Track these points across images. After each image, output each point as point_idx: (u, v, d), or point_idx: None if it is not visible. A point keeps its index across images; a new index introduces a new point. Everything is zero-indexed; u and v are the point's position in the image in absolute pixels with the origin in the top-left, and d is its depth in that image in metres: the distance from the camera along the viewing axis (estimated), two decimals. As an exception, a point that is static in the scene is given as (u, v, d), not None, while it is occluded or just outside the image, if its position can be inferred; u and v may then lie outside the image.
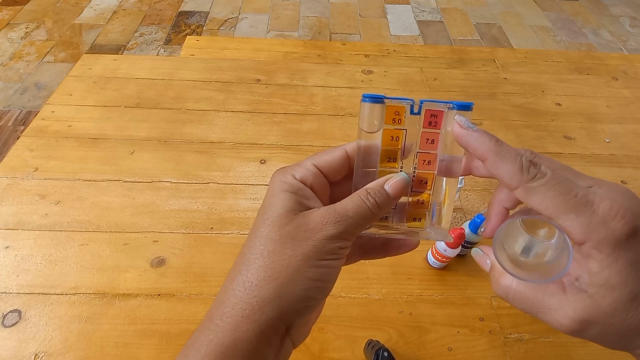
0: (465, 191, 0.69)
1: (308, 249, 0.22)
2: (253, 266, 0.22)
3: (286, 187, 0.23)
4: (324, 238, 0.22)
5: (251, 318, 0.20)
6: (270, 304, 0.21)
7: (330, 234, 0.22)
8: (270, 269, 0.21)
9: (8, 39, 1.90)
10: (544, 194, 0.19)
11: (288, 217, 0.22)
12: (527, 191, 0.20)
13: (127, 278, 0.54)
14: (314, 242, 0.22)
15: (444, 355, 0.50)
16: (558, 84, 0.94)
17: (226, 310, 0.21)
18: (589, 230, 0.18)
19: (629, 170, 0.75)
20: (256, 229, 0.23)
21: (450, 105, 0.21)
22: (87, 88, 0.83)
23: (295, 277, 0.21)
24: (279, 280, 0.21)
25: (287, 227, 0.22)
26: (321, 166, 0.24)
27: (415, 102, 0.22)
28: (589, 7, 2.45)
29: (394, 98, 0.22)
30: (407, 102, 0.22)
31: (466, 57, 1.01)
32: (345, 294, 0.54)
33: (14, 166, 0.67)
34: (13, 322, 0.50)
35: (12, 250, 0.56)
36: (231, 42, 1.01)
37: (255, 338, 0.20)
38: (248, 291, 0.21)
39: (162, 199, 0.64)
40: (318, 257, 0.22)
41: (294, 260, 0.21)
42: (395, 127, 0.22)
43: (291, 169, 0.23)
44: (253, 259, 0.22)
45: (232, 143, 0.74)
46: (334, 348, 0.49)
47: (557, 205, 0.19)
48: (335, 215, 0.22)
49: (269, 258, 0.21)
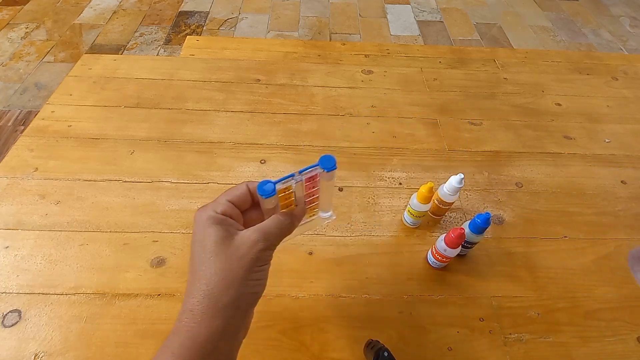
0: (465, 191, 0.69)
1: (249, 261, 0.30)
2: (213, 281, 0.29)
3: (213, 220, 0.31)
4: (258, 250, 0.31)
5: (220, 314, 0.29)
6: (233, 304, 0.29)
7: (261, 247, 0.31)
8: (226, 280, 0.29)
9: (8, 39, 1.90)
10: None
11: (225, 242, 0.30)
12: None
13: (127, 278, 0.54)
14: (251, 255, 0.30)
15: (444, 355, 0.50)
16: (558, 84, 0.94)
17: (197, 314, 0.29)
18: None
19: (629, 170, 0.75)
20: (201, 258, 0.31)
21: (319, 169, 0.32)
22: (87, 88, 0.83)
23: (245, 282, 0.30)
24: (234, 287, 0.29)
25: (228, 249, 0.30)
26: (233, 200, 0.33)
27: (296, 175, 0.32)
28: (589, 7, 2.45)
29: (281, 179, 0.31)
30: (290, 178, 0.31)
31: (466, 57, 1.01)
32: (345, 294, 0.54)
33: (14, 166, 0.67)
34: (13, 322, 0.50)
35: (12, 250, 0.56)
36: (231, 42, 1.01)
37: (222, 330, 0.29)
38: (212, 300, 0.29)
39: (162, 199, 0.64)
40: (257, 265, 0.31)
41: (241, 271, 0.30)
42: (286, 194, 0.32)
43: (212, 206, 0.32)
44: (209, 275, 0.30)
45: (232, 143, 0.74)
46: (334, 348, 0.49)
47: None
48: (263, 234, 0.31)
49: (222, 273, 0.29)
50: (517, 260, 0.60)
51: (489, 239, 0.62)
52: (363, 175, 0.70)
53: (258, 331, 0.50)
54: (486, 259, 0.59)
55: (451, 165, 0.73)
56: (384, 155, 0.74)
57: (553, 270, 0.59)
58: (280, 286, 0.55)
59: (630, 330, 0.53)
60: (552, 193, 0.70)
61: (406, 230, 0.62)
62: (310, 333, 0.50)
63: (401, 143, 0.76)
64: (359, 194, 0.67)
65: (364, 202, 0.66)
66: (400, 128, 0.79)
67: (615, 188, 0.72)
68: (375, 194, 0.67)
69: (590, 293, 0.57)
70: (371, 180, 0.69)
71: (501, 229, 0.64)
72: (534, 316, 0.54)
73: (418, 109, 0.84)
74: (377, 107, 0.83)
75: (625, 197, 0.70)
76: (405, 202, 0.66)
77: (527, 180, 0.72)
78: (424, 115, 0.82)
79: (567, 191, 0.70)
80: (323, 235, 0.61)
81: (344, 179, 0.69)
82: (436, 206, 0.61)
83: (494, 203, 0.67)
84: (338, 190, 0.67)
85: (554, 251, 0.61)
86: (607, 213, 0.67)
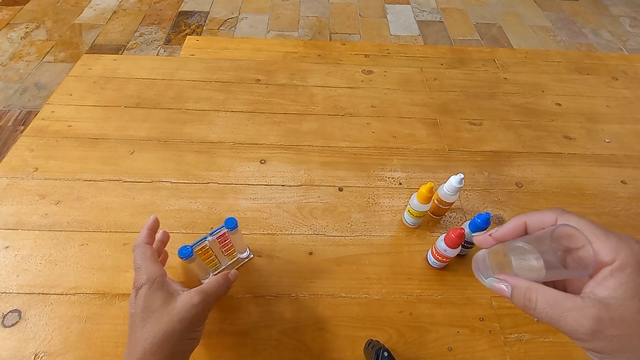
0: (465, 191, 0.69)
1: (189, 321, 0.36)
2: (155, 341, 0.34)
3: (158, 285, 0.38)
4: (198, 312, 0.37)
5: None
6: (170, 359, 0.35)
7: (201, 308, 0.38)
8: (166, 340, 0.35)
9: (8, 39, 1.90)
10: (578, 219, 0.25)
11: (168, 305, 0.36)
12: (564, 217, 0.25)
13: (127, 278, 0.54)
14: (191, 316, 0.36)
15: (444, 355, 0.50)
16: (558, 84, 0.94)
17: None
18: (619, 250, 0.22)
19: (629, 170, 0.75)
20: (144, 320, 0.35)
21: (225, 229, 0.47)
22: (87, 88, 0.83)
23: (183, 340, 0.36)
24: (173, 344, 0.35)
25: (172, 312, 0.36)
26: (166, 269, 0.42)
27: (208, 237, 0.46)
28: (589, 7, 2.45)
29: (196, 242, 0.45)
30: (204, 240, 0.46)
31: (466, 57, 1.01)
32: (345, 294, 0.54)
33: (14, 166, 0.67)
34: (13, 322, 0.50)
35: (12, 250, 0.56)
36: (231, 42, 1.01)
37: None
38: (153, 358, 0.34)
39: (162, 199, 0.64)
40: (196, 324, 0.37)
41: (182, 331, 0.36)
42: (204, 251, 0.48)
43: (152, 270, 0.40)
44: (152, 336, 0.34)
45: (232, 143, 0.74)
46: (334, 348, 0.49)
47: (592, 230, 0.24)
48: (203, 295, 0.39)
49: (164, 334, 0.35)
50: (517, 260, 0.60)
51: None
52: (363, 175, 0.70)
53: (258, 331, 0.50)
54: (486, 259, 0.59)
55: (451, 165, 0.73)
56: (384, 155, 0.74)
57: (553, 270, 0.59)
58: (280, 286, 0.55)
59: (630, 330, 0.53)
60: (552, 193, 0.70)
61: (406, 230, 0.62)
62: (310, 333, 0.50)
63: (401, 143, 0.76)
64: (359, 194, 0.67)
65: (364, 202, 0.66)
66: (400, 128, 0.79)
67: (615, 188, 0.72)
68: (375, 194, 0.67)
69: (590, 293, 0.57)
70: (371, 180, 0.69)
71: (501, 229, 0.64)
72: (534, 316, 0.54)
73: (418, 109, 0.84)
74: (377, 107, 0.83)
75: (625, 197, 0.70)
76: (405, 202, 0.66)
77: (527, 180, 0.72)
78: (424, 115, 0.82)
79: (567, 191, 0.70)
80: (323, 235, 0.61)
81: (344, 179, 0.69)
82: (436, 206, 0.61)
83: (494, 203, 0.67)
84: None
85: (554, 251, 0.61)
86: (607, 213, 0.67)
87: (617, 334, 0.22)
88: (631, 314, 0.21)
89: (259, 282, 0.55)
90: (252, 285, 0.55)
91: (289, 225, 0.62)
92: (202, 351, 0.48)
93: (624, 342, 0.21)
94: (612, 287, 0.22)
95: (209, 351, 0.48)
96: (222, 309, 0.52)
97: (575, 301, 0.23)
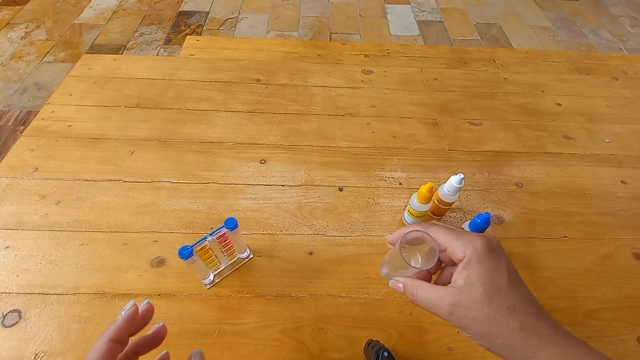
0: (465, 191, 0.69)
1: None
2: None
3: None
4: None
5: None
6: None
7: None
8: None
9: (8, 39, 1.90)
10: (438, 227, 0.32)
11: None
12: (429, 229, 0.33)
13: (127, 278, 0.54)
14: None
15: (444, 355, 0.50)
16: (558, 84, 0.94)
17: None
18: (466, 248, 0.30)
19: (629, 170, 0.75)
20: None
21: (225, 229, 0.47)
22: (87, 88, 0.83)
23: None
24: None
25: None
26: None
27: (208, 237, 0.46)
28: (589, 7, 2.45)
29: (197, 242, 0.45)
30: (204, 240, 0.46)
31: (466, 57, 1.01)
32: (345, 294, 0.54)
33: (14, 166, 0.67)
34: (13, 322, 0.50)
35: (12, 250, 0.56)
36: (231, 42, 1.01)
37: None
38: None
39: (162, 199, 0.64)
40: None
41: None
42: (204, 251, 0.47)
43: None
44: None
45: (232, 143, 0.74)
46: (334, 348, 0.49)
47: (447, 235, 0.31)
48: None
49: None
50: (517, 260, 0.60)
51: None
52: (363, 175, 0.70)
53: (258, 331, 0.50)
54: (486, 259, 0.59)
55: (451, 165, 0.73)
56: (384, 155, 0.74)
57: (553, 270, 0.59)
58: (280, 286, 0.55)
59: (630, 330, 0.53)
60: (552, 193, 0.70)
61: (406, 230, 0.62)
62: (310, 333, 0.50)
63: (401, 143, 0.76)
64: (359, 194, 0.67)
65: (364, 202, 0.66)
66: (400, 128, 0.79)
67: (615, 188, 0.72)
68: (375, 194, 0.67)
69: (590, 293, 0.57)
70: (371, 180, 0.69)
71: (501, 229, 0.64)
72: (534, 316, 0.54)
73: (418, 109, 0.84)
74: (377, 107, 0.83)
75: (625, 197, 0.70)
76: (405, 202, 0.66)
77: (527, 180, 0.72)
78: (424, 115, 0.82)
79: (567, 191, 0.70)
80: (323, 235, 0.61)
81: (344, 179, 0.69)
82: (436, 206, 0.61)
83: (494, 203, 0.67)
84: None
85: (554, 251, 0.61)
86: (607, 213, 0.67)
87: (464, 314, 0.29)
88: (474, 296, 0.29)
89: (259, 282, 0.55)
90: (252, 285, 0.55)
91: (289, 225, 0.62)
92: (202, 351, 0.48)
93: (469, 317, 0.29)
94: (463, 277, 0.30)
95: (209, 351, 0.48)
96: (222, 309, 0.52)
97: (439, 291, 0.30)
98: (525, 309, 0.29)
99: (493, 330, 0.29)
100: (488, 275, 0.29)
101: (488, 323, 0.29)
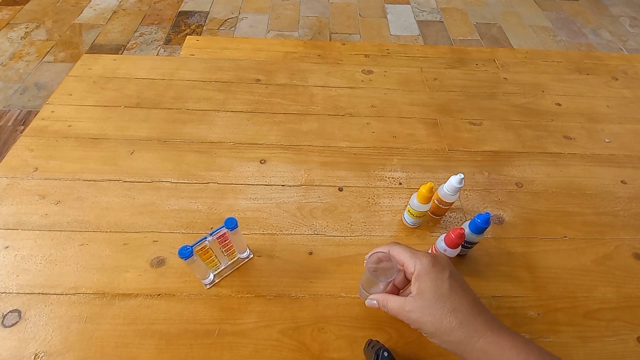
0: (465, 191, 0.69)
1: None
2: None
3: None
4: None
5: None
6: None
7: None
8: None
9: (8, 39, 1.90)
10: (399, 247, 0.42)
11: None
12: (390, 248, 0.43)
13: (127, 278, 0.54)
14: None
15: (444, 355, 0.50)
16: (558, 84, 0.94)
17: None
18: (415, 264, 0.39)
19: (629, 170, 0.75)
20: None
21: (225, 229, 0.47)
22: (87, 88, 0.83)
23: None
24: None
25: None
26: None
27: (208, 237, 0.46)
28: (589, 7, 2.45)
29: (197, 242, 0.45)
30: (204, 240, 0.46)
31: (466, 57, 1.01)
32: (345, 294, 0.54)
33: (14, 166, 0.67)
34: (13, 322, 0.50)
35: (12, 250, 0.56)
36: (231, 42, 1.01)
37: None
38: None
39: (162, 199, 0.64)
40: None
41: None
42: (204, 251, 0.47)
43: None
44: None
45: (232, 143, 0.74)
46: (334, 348, 0.49)
47: (404, 253, 0.41)
48: None
49: None
50: (517, 260, 0.60)
51: (489, 239, 0.62)
52: (363, 175, 0.70)
53: (258, 331, 0.50)
54: (486, 259, 0.60)
55: (451, 165, 0.73)
56: (384, 155, 0.74)
57: (553, 270, 0.59)
58: (280, 286, 0.55)
59: (630, 330, 0.53)
60: (552, 193, 0.70)
61: (406, 230, 0.62)
62: (310, 333, 0.50)
63: (401, 143, 0.76)
64: (359, 194, 0.67)
65: (364, 202, 0.66)
66: (400, 128, 0.79)
67: (615, 188, 0.72)
68: (375, 194, 0.67)
69: (590, 293, 0.57)
70: (371, 180, 0.69)
71: (501, 229, 0.64)
72: (534, 316, 0.54)
73: (418, 109, 0.84)
74: (377, 107, 0.83)
75: (625, 197, 0.70)
76: (405, 202, 0.66)
77: (527, 180, 0.72)
78: (424, 115, 0.82)
79: (567, 191, 0.70)
80: (323, 235, 0.61)
81: (343, 179, 0.69)
82: (436, 206, 0.61)
83: (494, 203, 0.67)
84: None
85: (554, 251, 0.61)
86: (607, 213, 0.67)
87: (418, 317, 0.37)
88: (424, 302, 0.37)
89: (259, 282, 0.55)
90: (252, 285, 0.55)
91: (289, 225, 0.62)
92: (201, 351, 0.48)
93: (422, 320, 0.37)
94: (416, 287, 0.38)
95: (209, 351, 0.48)
96: (222, 309, 0.52)
97: (400, 300, 0.39)
98: (464, 309, 0.36)
99: (440, 328, 0.36)
100: (433, 285, 0.37)
101: (435, 322, 0.36)
